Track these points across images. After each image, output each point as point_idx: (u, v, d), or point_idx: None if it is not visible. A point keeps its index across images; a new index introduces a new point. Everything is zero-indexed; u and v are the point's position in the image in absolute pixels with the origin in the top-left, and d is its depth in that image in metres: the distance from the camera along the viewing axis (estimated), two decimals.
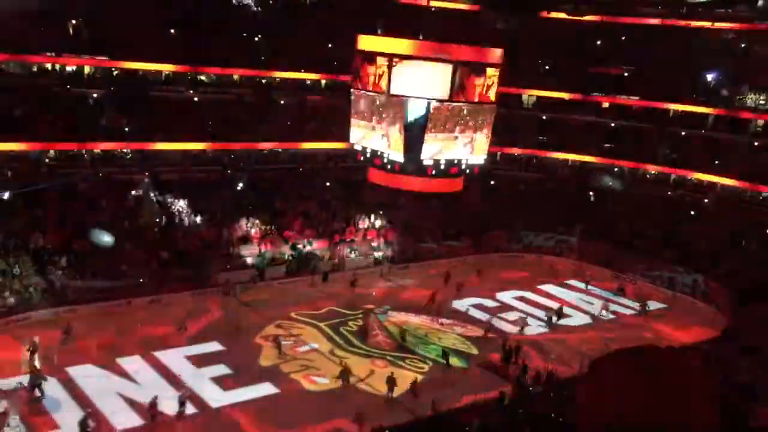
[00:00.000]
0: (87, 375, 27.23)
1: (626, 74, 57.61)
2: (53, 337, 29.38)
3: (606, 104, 57.41)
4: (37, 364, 26.25)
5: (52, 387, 25.88)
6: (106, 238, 37.25)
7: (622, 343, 32.31)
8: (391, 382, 27.74)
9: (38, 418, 23.70)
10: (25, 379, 25.59)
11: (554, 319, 37.27)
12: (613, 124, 56.95)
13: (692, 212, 50.37)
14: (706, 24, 54.85)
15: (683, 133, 54.27)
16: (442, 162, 33.30)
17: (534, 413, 22.05)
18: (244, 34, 50.42)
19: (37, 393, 25.18)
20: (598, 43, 58.75)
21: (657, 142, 54.27)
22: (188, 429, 24.21)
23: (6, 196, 37.92)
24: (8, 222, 36.70)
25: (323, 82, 53.85)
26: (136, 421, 24.32)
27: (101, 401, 25.26)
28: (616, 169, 55.96)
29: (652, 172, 54.75)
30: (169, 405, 25.10)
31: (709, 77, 54.54)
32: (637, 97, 55.66)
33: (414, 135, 32.35)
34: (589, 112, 57.06)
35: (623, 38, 57.51)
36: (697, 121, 53.78)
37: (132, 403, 25.36)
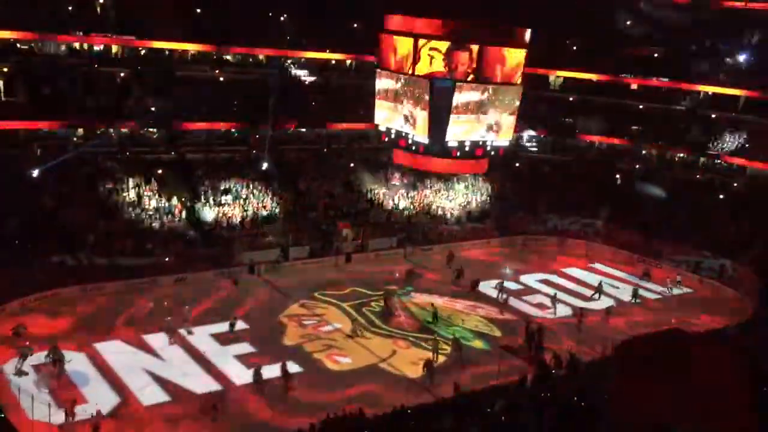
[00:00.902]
0: (114, 351, 27.73)
1: (656, 55, 56.63)
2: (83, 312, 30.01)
3: (635, 86, 56.51)
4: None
5: (80, 362, 26.42)
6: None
7: (649, 327, 32.19)
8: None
9: (67, 392, 24.18)
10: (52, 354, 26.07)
11: (597, 296, 37.70)
12: (641, 106, 56.09)
13: (721, 196, 49.55)
14: (739, 3, 53.65)
15: (713, 116, 53.37)
16: (467, 143, 33.13)
17: (556, 396, 22.00)
18: (270, 14, 50.42)
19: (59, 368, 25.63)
20: (628, 23, 57.72)
21: (687, 125, 53.45)
22: (211, 405, 24.50)
23: (35, 174, 38.51)
24: (37, 200, 37.31)
25: (348, 62, 53.71)
26: (163, 397, 24.74)
27: (128, 377, 25.72)
28: (644, 152, 55.26)
29: (681, 155, 53.89)
30: (193, 381, 25.63)
31: (741, 58, 53.42)
32: (667, 79, 54.70)
33: (439, 116, 32.20)
34: (617, 94, 56.19)
35: (653, 19, 56.40)
36: (727, 104, 52.78)
37: (159, 380, 25.81)
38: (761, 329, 30.70)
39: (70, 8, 43.86)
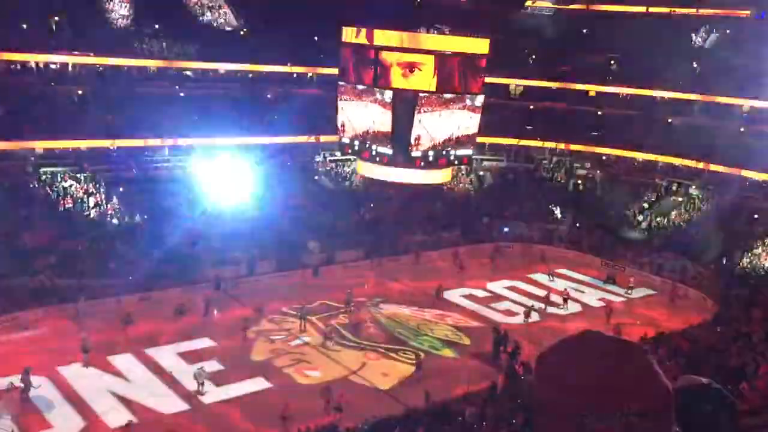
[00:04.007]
0: (78, 374, 27.15)
1: (612, 62, 57.79)
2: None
3: (592, 92, 57.53)
4: None
5: (43, 387, 25.75)
6: None
7: (609, 331, 32.57)
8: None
9: (30, 418, 23.58)
10: (16, 379, 25.45)
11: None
12: (600, 112, 57.13)
13: (680, 199, 50.61)
14: (691, 11, 55.09)
15: (669, 120, 54.60)
16: (431, 154, 33.34)
17: (526, 402, 22.15)
18: (229, 29, 50.28)
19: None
20: (584, 31, 58.83)
21: (644, 129, 54.54)
22: (181, 425, 24.15)
23: None
24: None
25: (309, 75, 53.70)
26: (130, 418, 24.25)
27: (93, 400, 25.20)
28: (604, 157, 56.20)
29: (640, 159, 54.93)
30: (160, 402, 25.24)
31: (695, 64, 54.79)
32: (624, 85, 55.80)
33: (401, 127, 32.37)
34: (576, 101, 57.14)
35: (609, 26, 57.58)
36: (683, 108, 54.02)
37: (124, 401, 25.34)
38: (722, 328, 31.32)
39: (24, 26, 43.14)
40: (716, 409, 2.52)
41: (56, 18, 44.39)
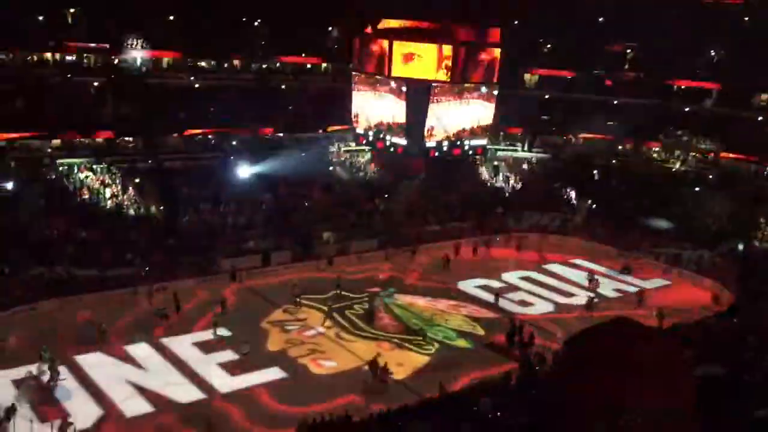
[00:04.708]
0: (96, 363, 27.43)
1: (629, 51, 57.19)
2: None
3: (609, 82, 57.03)
4: None
5: (61, 376, 26.07)
6: None
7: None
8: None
9: (48, 407, 23.90)
10: (34, 368, 25.83)
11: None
12: (615, 102, 56.59)
13: (697, 188, 50.10)
14: None
15: (687, 109, 54.01)
16: (445, 144, 33.25)
17: (540, 392, 22.08)
18: (244, 19, 50.24)
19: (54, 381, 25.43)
20: (601, 20, 58.23)
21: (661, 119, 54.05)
22: (197, 414, 24.35)
23: (10, 186, 38.05)
24: (13, 212, 36.85)
25: (324, 65, 53.57)
26: (147, 407, 24.53)
27: (111, 389, 25.46)
28: (620, 147, 55.74)
29: (656, 149, 54.48)
30: (177, 391, 25.48)
31: (713, 52, 54.19)
32: (641, 74, 55.26)
33: (416, 117, 32.31)
34: (591, 90, 56.64)
35: (626, 14, 56.93)
36: (701, 97, 53.47)
37: (141, 390, 25.58)
38: (739, 318, 31.08)
39: (41, 17, 43.42)
40: (732, 400, 2.51)
41: (72, 10, 44.68)
